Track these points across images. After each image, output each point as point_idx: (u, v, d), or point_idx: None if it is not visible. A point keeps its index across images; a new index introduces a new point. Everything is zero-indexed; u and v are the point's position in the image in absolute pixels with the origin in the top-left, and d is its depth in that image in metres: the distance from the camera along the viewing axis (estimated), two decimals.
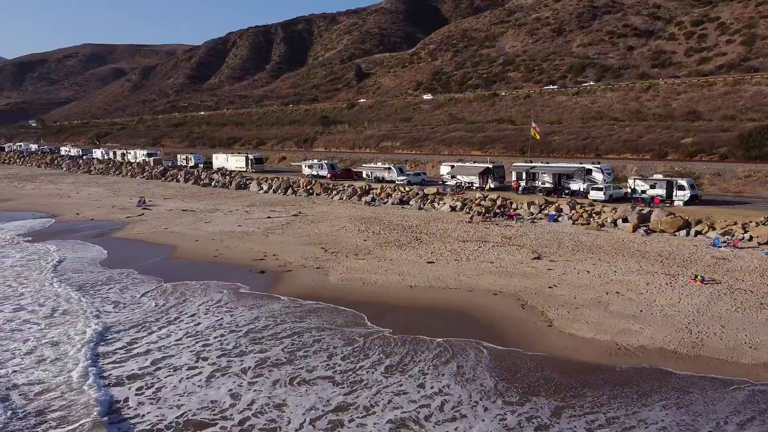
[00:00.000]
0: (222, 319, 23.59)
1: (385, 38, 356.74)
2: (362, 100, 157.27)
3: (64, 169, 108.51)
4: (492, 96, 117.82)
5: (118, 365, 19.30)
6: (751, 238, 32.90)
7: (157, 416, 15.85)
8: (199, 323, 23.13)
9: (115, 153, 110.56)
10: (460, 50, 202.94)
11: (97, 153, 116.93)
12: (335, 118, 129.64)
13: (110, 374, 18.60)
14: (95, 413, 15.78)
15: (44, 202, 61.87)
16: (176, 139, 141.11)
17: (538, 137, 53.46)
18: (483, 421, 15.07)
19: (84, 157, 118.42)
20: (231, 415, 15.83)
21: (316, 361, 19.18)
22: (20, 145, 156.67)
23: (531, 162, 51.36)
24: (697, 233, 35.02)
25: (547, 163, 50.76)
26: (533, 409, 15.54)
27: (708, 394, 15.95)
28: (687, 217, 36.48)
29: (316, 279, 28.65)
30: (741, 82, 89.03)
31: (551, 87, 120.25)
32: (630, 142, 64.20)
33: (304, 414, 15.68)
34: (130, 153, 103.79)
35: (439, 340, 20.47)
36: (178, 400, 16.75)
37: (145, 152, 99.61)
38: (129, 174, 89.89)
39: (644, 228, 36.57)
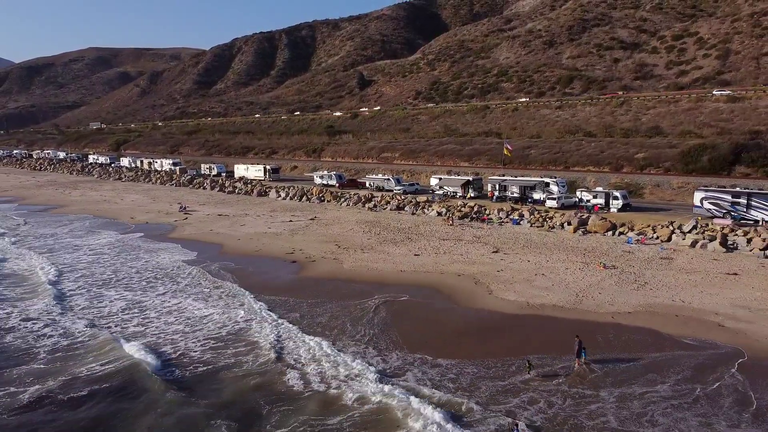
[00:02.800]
0: (281, 286, 34.93)
1: (386, 44, 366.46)
2: (364, 110, 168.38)
3: (96, 176, 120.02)
4: (483, 108, 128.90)
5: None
6: (657, 237, 44.01)
7: None
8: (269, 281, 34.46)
9: (141, 162, 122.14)
10: (457, 61, 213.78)
11: (125, 161, 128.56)
12: (340, 127, 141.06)
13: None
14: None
15: (97, 207, 73.18)
16: (193, 147, 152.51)
17: (509, 155, 64.70)
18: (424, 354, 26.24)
19: (113, 165, 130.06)
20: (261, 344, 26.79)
21: (323, 317, 30.13)
22: (48, 153, 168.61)
23: (503, 176, 62.64)
24: (620, 233, 46.16)
25: (515, 176, 62.02)
26: (463, 332, 26.69)
27: (568, 328, 27.00)
28: (615, 221, 47.64)
29: (334, 266, 39.87)
30: (703, 99, 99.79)
31: (537, 100, 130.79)
32: (593, 156, 75.23)
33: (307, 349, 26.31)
34: (156, 162, 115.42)
35: (407, 297, 31.65)
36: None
37: (171, 161, 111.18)
38: (158, 182, 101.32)
39: (582, 229, 47.71)
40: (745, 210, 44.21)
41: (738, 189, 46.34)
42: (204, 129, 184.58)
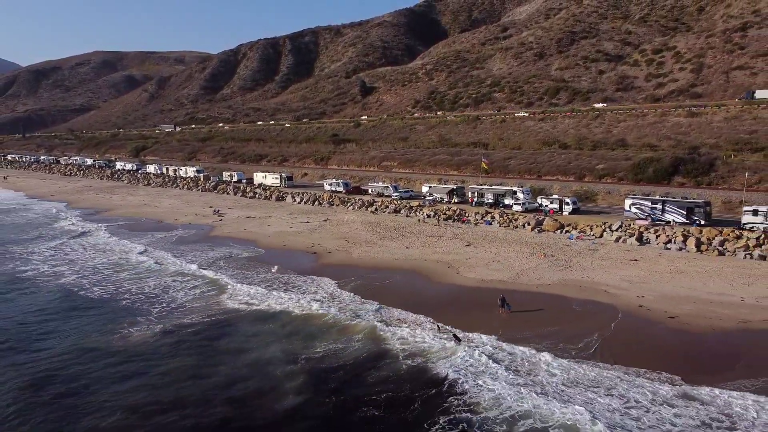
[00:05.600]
0: (310, 269, 48.19)
1: (387, 50, 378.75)
2: (366, 118, 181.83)
3: (125, 182, 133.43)
4: (474, 119, 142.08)
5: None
6: (593, 234, 57.15)
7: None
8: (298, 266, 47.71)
9: (167, 169, 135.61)
10: (453, 71, 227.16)
11: (151, 168, 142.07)
12: (344, 135, 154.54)
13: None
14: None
15: (142, 210, 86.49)
16: (209, 154, 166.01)
17: (486, 167, 78.13)
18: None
19: (139, 171, 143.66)
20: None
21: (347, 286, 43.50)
22: (76, 159, 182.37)
23: (482, 185, 76.00)
24: (566, 231, 59.32)
25: (491, 185, 75.34)
26: (435, 296, 39.88)
27: (492, 296, 40.12)
28: (564, 222, 60.84)
29: (345, 256, 53.12)
30: (667, 113, 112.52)
31: (523, 113, 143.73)
32: (562, 167, 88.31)
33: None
34: (181, 169, 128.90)
35: (399, 276, 44.90)
36: None
37: (195, 169, 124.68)
38: (185, 187, 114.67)
39: (538, 228, 60.88)
40: (660, 213, 57.39)
41: (658, 197, 59.52)
42: (216, 136, 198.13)
